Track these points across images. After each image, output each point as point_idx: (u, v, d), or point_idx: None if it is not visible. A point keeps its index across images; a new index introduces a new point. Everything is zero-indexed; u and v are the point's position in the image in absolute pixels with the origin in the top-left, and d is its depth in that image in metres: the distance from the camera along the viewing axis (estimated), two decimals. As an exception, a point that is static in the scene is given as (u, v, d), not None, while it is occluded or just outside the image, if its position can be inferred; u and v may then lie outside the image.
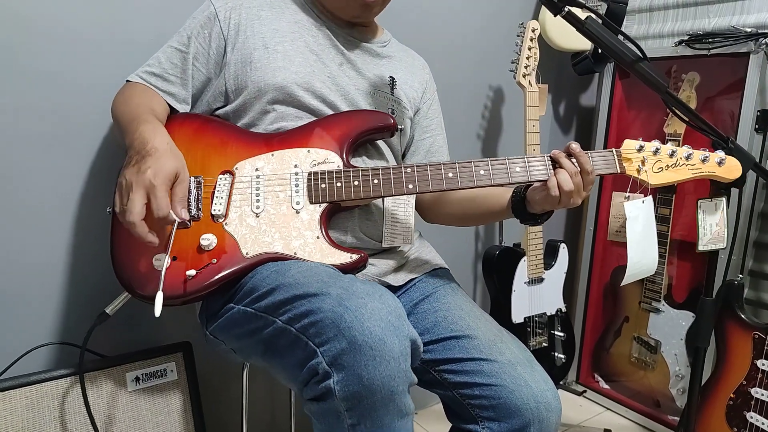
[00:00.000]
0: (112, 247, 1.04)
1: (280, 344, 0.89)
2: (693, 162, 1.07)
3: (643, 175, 1.07)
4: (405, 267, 1.20)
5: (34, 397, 1.15)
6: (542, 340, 1.91)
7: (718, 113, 1.74)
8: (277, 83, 1.09)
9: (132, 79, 1.14)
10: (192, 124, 1.11)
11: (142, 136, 0.96)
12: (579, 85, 2.23)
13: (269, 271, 0.97)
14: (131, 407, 1.24)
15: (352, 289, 0.86)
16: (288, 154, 1.07)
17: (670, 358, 1.86)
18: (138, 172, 0.90)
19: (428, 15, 1.75)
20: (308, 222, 1.03)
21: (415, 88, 1.28)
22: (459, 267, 2.03)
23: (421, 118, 1.31)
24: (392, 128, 1.13)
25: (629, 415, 1.99)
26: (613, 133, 2.01)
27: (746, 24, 1.63)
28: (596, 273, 2.10)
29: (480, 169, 1.05)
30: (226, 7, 1.14)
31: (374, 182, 1.04)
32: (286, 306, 0.88)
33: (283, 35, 1.14)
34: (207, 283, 0.98)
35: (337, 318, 0.81)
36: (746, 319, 1.50)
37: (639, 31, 1.92)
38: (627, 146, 1.08)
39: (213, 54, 1.13)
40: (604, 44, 0.98)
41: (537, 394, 0.96)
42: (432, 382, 1.06)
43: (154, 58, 1.15)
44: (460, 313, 1.09)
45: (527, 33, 1.71)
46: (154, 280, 0.96)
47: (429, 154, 1.31)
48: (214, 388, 1.50)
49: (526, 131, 1.75)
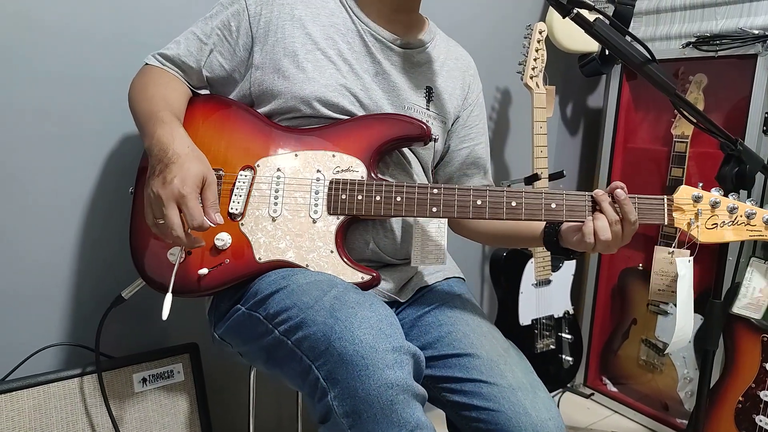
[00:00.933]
0: (131, 232, 1.04)
1: (279, 355, 0.89)
2: (755, 223, 0.95)
3: (694, 230, 0.95)
4: (416, 276, 1.17)
5: (42, 398, 1.16)
6: (550, 342, 1.90)
7: (725, 115, 1.73)
8: (304, 96, 1.04)
9: (149, 62, 1.11)
10: (220, 109, 1.08)
11: (161, 142, 0.92)
12: (586, 87, 2.23)
13: (276, 276, 0.97)
14: (138, 408, 1.24)
15: (345, 298, 0.85)
16: (312, 157, 1.04)
17: (678, 361, 1.85)
18: (164, 182, 0.88)
19: (436, 16, 1.74)
20: (324, 233, 1.01)
21: (455, 95, 1.20)
22: (467, 269, 2.02)
23: (460, 126, 1.22)
24: (426, 137, 1.06)
25: (637, 418, 1.98)
26: (621, 135, 2.00)
27: (754, 26, 1.63)
28: (604, 275, 2.09)
29: (512, 201, 0.98)
30: (258, 1, 1.07)
31: (396, 200, 1.00)
32: (282, 315, 0.89)
33: (315, 42, 1.06)
34: (218, 282, 1.00)
35: (328, 330, 0.80)
36: (755, 322, 1.50)
37: (646, 33, 1.91)
38: (682, 194, 0.97)
39: (240, 51, 1.07)
40: (613, 46, 0.98)
41: (536, 423, 0.91)
42: (432, 398, 1.01)
43: (174, 41, 1.10)
44: (465, 329, 1.04)
45: (534, 35, 1.71)
46: (169, 272, 0.97)
47: (464, 166, 1.24)
48: (220, 390, 1.50)
49: (534, 133, 1.75)
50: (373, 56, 1.10)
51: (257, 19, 1.06)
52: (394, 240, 1.11)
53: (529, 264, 1.83)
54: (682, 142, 1.73)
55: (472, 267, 2.05)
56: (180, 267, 0.98)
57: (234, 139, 1.04)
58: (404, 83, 1.13)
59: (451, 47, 1.25)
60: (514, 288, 1.83)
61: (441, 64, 1.19)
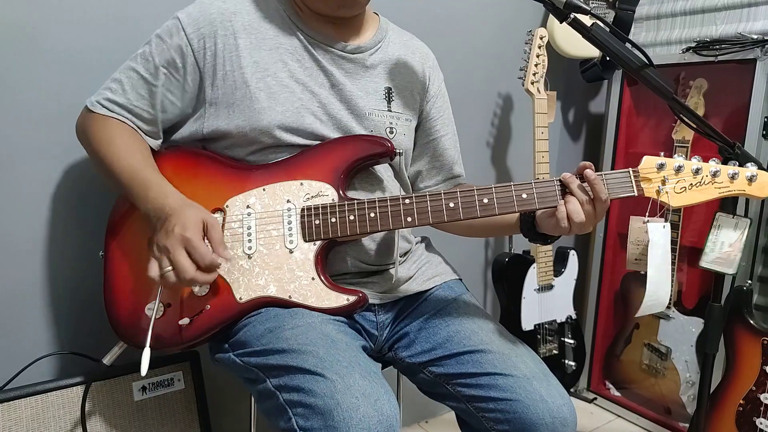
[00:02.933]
0: (105, 296, 1.04)
1: (267, 404, 0.90)
2: (720, 180, 0.97)
3: (664, 196, 0.97)
4: (414, 281, 1.17)
5: (39, 407, 1.15)
6: (552, 347, 1.90)
7: (726, 119, 1.73)
8: (263, 126, 1.03)
9: (96, 110, 1.05)
10: (174, 159, 1.07)
11: (156, 204, 0.94)
12: (588, 92, 2.23)
13: (263, 328, 0.96)
14: (138, 417, 1.24)
15: (350, 380, 0.83)
16: (280, 188, 1.03)
17: (680, 364, 1.84)
18: (167, 233, 0.90)
19: (439, 22, 1.76)
20: (303, 262, 1.00)
21: (416, 91, 1.19)
22: (469, 274, 2.02)
23: (424, 120, 1.22)
24: (390, 153, 1.06)
25: (640, 423, 1.97)
26: (622, 140, 2.00)
27: (753, 31, 1.63)
28: (606, 280, 2.09)
29: (483, 198, 0.98)
30: (199, 34, 1.03)
31: (371, 216, 0.99)
32: (278, 371, 0.89)
33: (265, 68, 1.04)
34: (203, 330, 0.99)
35: (327, 412, 0.80)
36: (755, 325, 1.49)
37: (647, 38, 1.92)
38: (646, 164, 0.98)
39: (189, 87, 1.05)
40: (610, 50, 0.98)
41: (553, 409, 0.94)
42: (445, 395, 1.04)
43: (116, 81, 1.05)
44: (473, 327, 1.07)
45: (535, 40, 1.71)
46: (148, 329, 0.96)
47: (432, 159, 1.24)
48: (221, 399, 1.50)
49: (535, 138, 1.75)
50: (325, 69, 1.08)
51: (202, 54, 1.03)
52: (371, 250, 1.11)
53: (531, 269, 1.82)
54: (683, 147, 1.73)
55: (474, 272, 2.05)
56: (161, 321, 0.98)
57: (200, 185, 1.04)
58: (361, 90, 1.11)
59: (406, 41, 1.22)
60: (517, 293, 1.83)
61: (397, 61, 1.17)
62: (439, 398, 1.07)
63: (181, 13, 1.05)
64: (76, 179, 1.25)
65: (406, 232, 1.19)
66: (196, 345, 1.03)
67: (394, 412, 0.84)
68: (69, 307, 1.29)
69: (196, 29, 1.03)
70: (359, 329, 1.08)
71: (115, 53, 1.21)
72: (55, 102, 1.21)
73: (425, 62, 1.22)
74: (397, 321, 1.14)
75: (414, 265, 1.19)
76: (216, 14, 1.04)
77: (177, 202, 0.94)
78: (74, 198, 1.26)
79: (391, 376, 1.30)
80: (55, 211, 1.24)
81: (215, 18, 1.04)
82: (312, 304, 0.99)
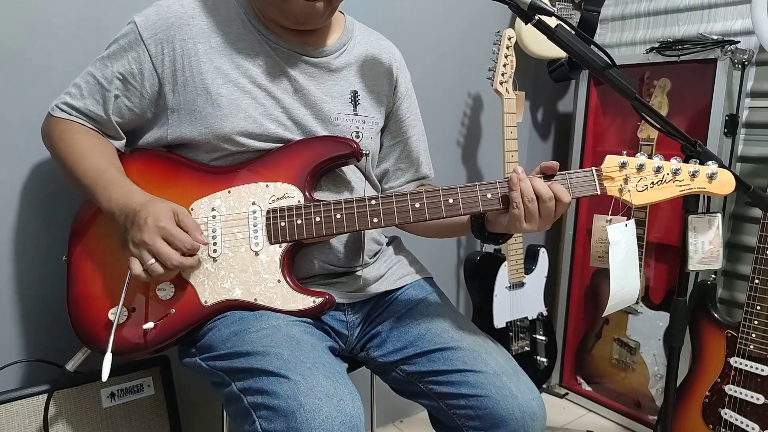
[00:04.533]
0: (68, 301, 1.03)
1: (233, 407, 0.90)
2: (681, 178, 0.98)
3: (626, 195, 0.98)
4: (385, 281, 1.17)
5: (3, 417, 1.13)
6: (524, 344, 1.92)
7: (690, 118, 1.77)
8: (224, 133, 1.01)
9: (56, 114, 1.05)
10: (140, 162, 1.06)
11: (120, 204, 0.94)
12: (556, 92, 2.26)
13: (228, 332, 0.96)
14: (106, 424, 1.22)
15: (313, 381, 0.83)
16: (246, 190, 1.02)
17: (649, 358, 1.88)
18: (140, 227, 0.90)
19: (407, 23, 1.76)
20: (268, 264, 1.00)
21: (383, 92, 1.18)
22: (441, 273, 2.03)
23: (392, 121, 1.22)
24: (356, 155, 1.06)
25: (611, 416, 2.01)
26: (590, 139, 2.03)
27: (713, 32, 1.67)
28: (577, 276, 2.12)
29: (449, 198, 0.98)
30: (156, 39, 1.01)
31: (337, 217, 0.99)
32: (243, 374, 0.89)
33: (226, 74, 1.02)
34: (167, 335, 0.99)
35: (290, 413, 0.80)
36: (719, 318, 1.53)
37: (612, 39, 1.95)
38: (608, 163, 0.99)
39: (147, 92, 1.03)
40: (574, 51, 1.00)
41: (522, 404, 0.96)
42: (418, 393, 1.05)
43: (75, 86, 1.05)
44: (444, 324, 1.08)
45: (503, 41, 1.73)
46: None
47: (398, 160, 1.24)
48: (192, 404, 1.48)
49: (504, 138, 1.77)
50: (288, 74, 1.06)
51: (160, 59, 1.01)
52: (338, 252, 1.11)
53: (502, 267, 1.84)
54: (648, 145, 1.76)
55: (446, 271, 2.06)
56: (125, 326, 0.97)
57: (165, 188, 1.03)
58: (326, 94, 1.10)
59: (373, 41, 1.20)
60: (489, 291, 1.84)
61: (363, 62, 1.15)
62: (411, 397, 1.08)
63: (138, 16, 1.02)
64: (41, 184, 1.23)
65: (376, 233, 1.19)
66: (162, 350, 1.02)
67: (358, 413, 0.84)
68: (35, 313, 1.26)
69: (152, 34, 1.01)
70: (327, 330, 1.09)
71: (78, 56, 1.20)
72: (18, 106, 1.18)
73: (392, 62, 1.21)
74: (369, 321, 1.14)
75: (384, 264, 1.19)
76: (174, 18, 1.02)
77: (143, 198, 0.95)
78: (39, 202, 1.24)
79: (364, 376, 1.30)
80: (20, 215, 1.22)
81: (173, 22, 1.01)
82: (278, 306, 0.99)
